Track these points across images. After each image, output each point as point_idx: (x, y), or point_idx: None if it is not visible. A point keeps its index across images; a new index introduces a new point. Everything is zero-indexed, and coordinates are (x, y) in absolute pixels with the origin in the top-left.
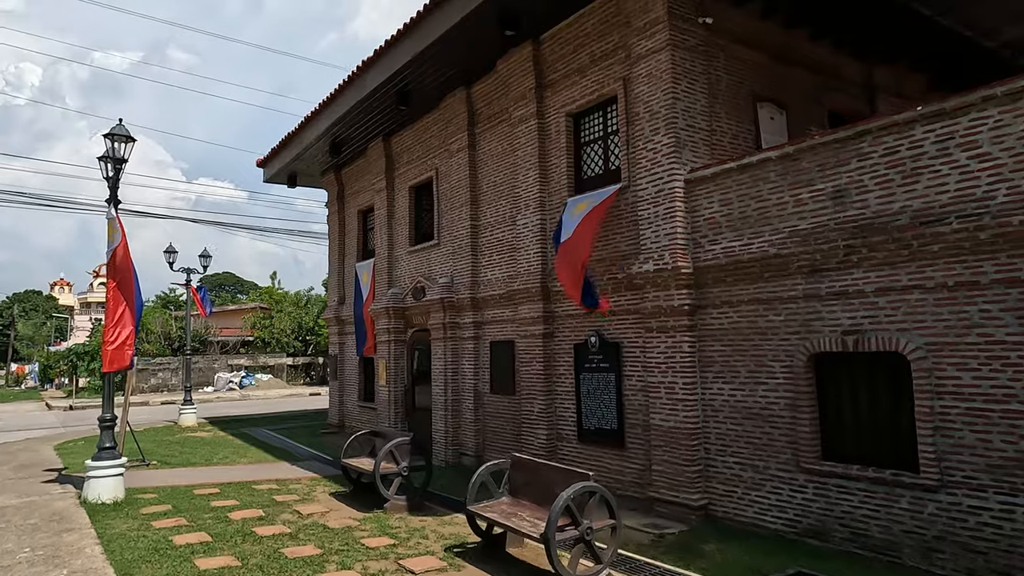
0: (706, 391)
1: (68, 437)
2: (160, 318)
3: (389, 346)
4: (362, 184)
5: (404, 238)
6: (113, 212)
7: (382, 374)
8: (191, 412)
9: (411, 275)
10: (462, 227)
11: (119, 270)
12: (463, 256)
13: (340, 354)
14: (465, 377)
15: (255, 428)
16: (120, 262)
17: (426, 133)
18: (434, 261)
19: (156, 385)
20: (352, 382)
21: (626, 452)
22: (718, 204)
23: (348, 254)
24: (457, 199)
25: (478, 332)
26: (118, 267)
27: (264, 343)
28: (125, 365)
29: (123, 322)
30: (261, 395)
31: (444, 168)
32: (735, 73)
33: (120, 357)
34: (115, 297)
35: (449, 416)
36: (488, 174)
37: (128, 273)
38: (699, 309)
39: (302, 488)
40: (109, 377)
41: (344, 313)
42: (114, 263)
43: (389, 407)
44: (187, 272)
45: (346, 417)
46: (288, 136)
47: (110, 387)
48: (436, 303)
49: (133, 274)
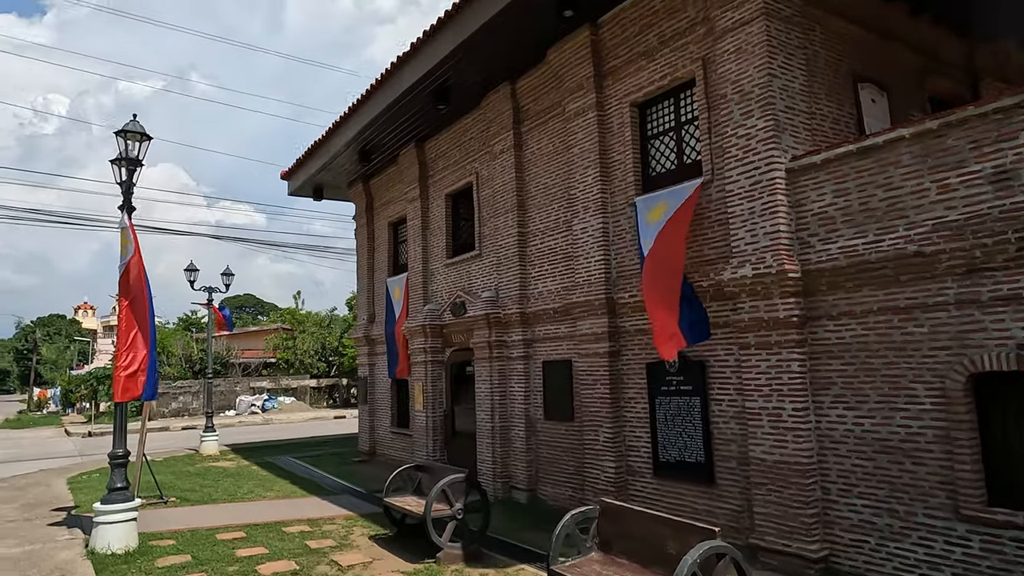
0: (822, 418)
1: (84, 467)
2: (181, 340)
3: (425, 367)
4: (392, 194)
5: (440, 250)
6: (127, 220)
7: (418, 398)
8: (213, 439)
9: (449, 289)
10: (508, 235)
11: (132, 287)
12: (510, 267)
13: (370, 376)
14: (515, 401)
15: (280, 456)
16: (134, 278)
17: (464, 135)
18: (475, 273)
19: (177, 409)
20: (384, 406)
21: (717, 490)
22: (831, 195)
23: (378, 269)
24: (501, 205)
25: (528, 351)
26: (131, 284)
27: (287, 364)
28: (138, 394)
29: (136, 346)
30: (284, 419)
31: (485, 172)
32: (833, 49)
33: (133, 385)
34: (127, 318)
35: (497, 445)
36: (537, 176)
37: (142, 291)
38: (810, 321)
39: (338, 530)
40: (122, 407)
41: (374, 332)
42: (127, 279)
43: (426, 434)
44: (209, 291)
45: (377, 444)
46: (314, 145)
47: (122, 418)
48: (480, 319)
49: (147, 292)
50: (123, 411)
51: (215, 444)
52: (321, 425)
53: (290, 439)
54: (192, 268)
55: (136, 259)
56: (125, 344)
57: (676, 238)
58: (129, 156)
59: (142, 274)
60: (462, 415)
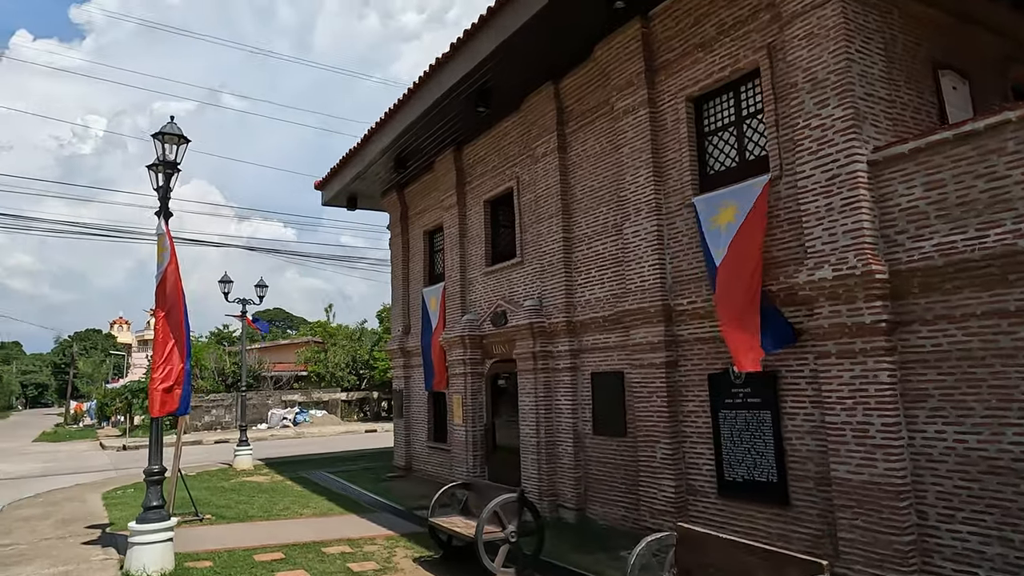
0: (917, 435)
1: (119, 482)
2: (214, 354)
3: (464, 379)
4: (428, 202)
5: (479, 258)
6: (163, 226)
7: (457, 411)
8: (247, 453)
9: (488, 299)
10: (552, 241)
11: (169, 297)
12: (554, 274)
13: (406, 389)
14: (561, 415)
15: (314, 471)
16: (171, 288)
17: (504, 139)
18: (516, 282)
19: (209, 423)
20: (420, 420)
21: (791, 512)
22: (922, 188)
23: (413, 279)
24: (544, 210)
25: (575, 362)
26: (168, 294)
27: (319, 377)
28: (175, 408)
29: (172, 359)
30: (316, 432)
31: (527, 177)
32: (911, 33)
33: (170, 399)
34: (163, 329)
35: (542, 461)
36: (583, 179)
37: (178, 301)
38: (900, 326)
39: (380, 552)
40: (158, 422)
41: (410, 344)
42: (163, 289)
43: (466, 449)
44: (242, 303)
45: (414, 459)
46: (349, 153)
47: (158, 432)
48: (523, 329)
49: (183, 303)
50: (159, 426)
51: (249, 458)
52: (353, 439)
53: (323, 453)
54: (226, 280)
55: (172, 267)
56: (161, 357)
57: (752, 245)
58: (167, 159)
59: (179, 283)
60: (503, 429)
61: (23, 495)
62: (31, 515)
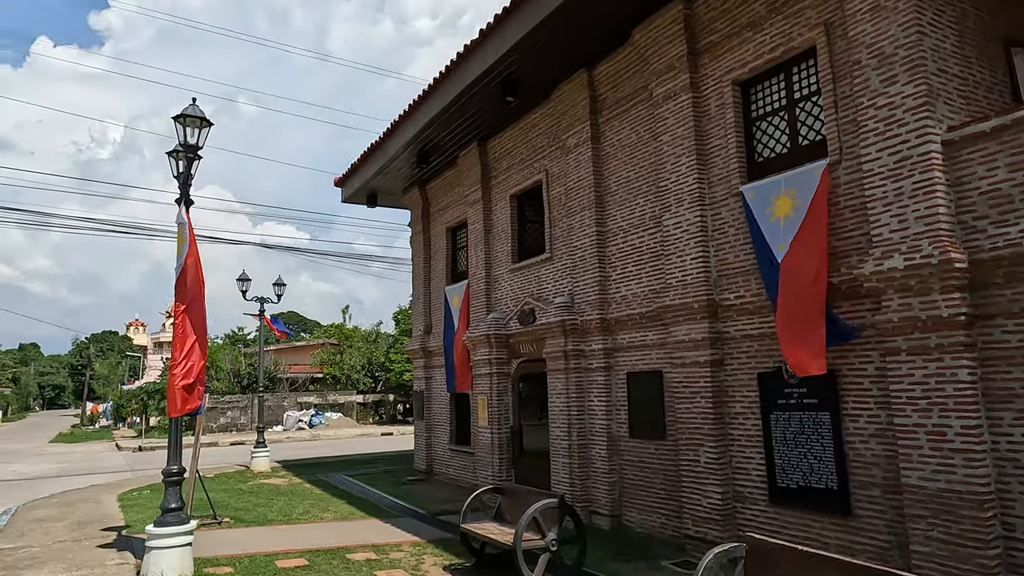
0: (1002, 439)
1: (134, 484)
2: (230, 355)
3: (490, 380)
4: (451, 198)
5: (505, 254)
6: (183, 215)
7: (482, 413)
8: (264, 455)
9: (515, 296)
10: (584, 235)
11: (189, 290)
12: (587, 269)
13: (427, 390)
14: (594, 417)
15: (332, 473)
16: (191, 280)
17: (532, 131)
18: (545, 278)
19: (225, 424)
20: (442, 422)
21: (854, 521)
22: (1006, 169)
23: (435, 277)
24: (576, 203)
25: (609, 361)
26: (188, 286)
27: (334, 380)
28: (196, 407)
29: (192, 356)
30: (332, 434)
31: (556, 169)
32: (982, 7)
33: (191, 398)
34: (183, 324)
35: (574, 465)
36: (618, 169)
37: (200, 295)
38: (981, 320)
39: (407, 559)
40: (177, 422)
41: (431, 344)
42: (184, 281)
43: (491, 452)
44: (260, 301)
45: (435, 462)
46: (370, 148)
47: (177, 433)
48: (553, 327)
49: (203, 296)
50: (178, 425)
51: (266, 460)
52: (369, 442)
53: (340, 456)
54: (244, 278)
55: (193, 259)
56: (182, 352)
57: (817, 239)
58: (188, 143)
59: (199, 275)
60: (531, 432)
61: (38, 496)
62: (45, 516)
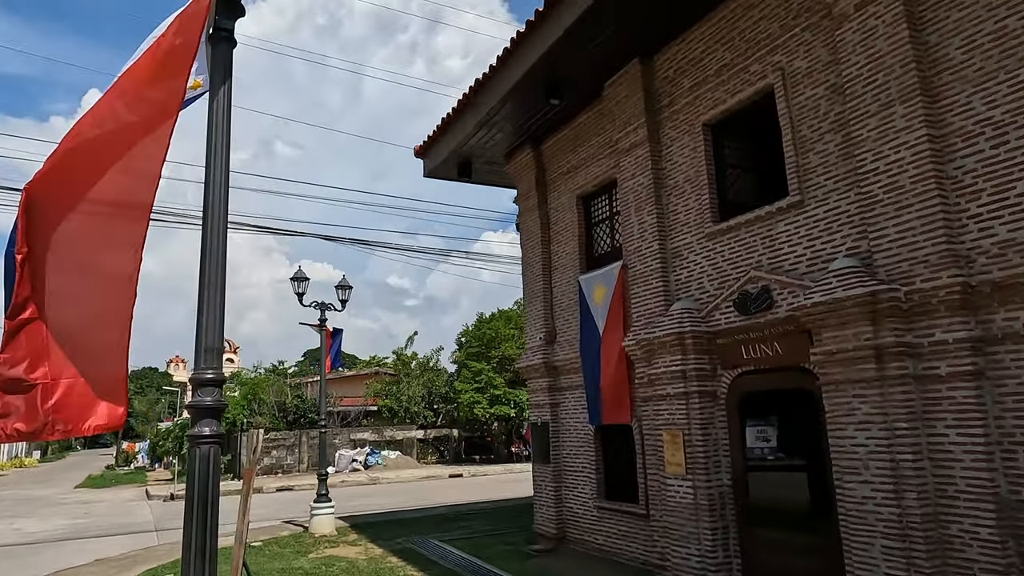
0: None
1: (155, 556)
2: (274, 386)
3: (686, 403)
4: (585, 153)
5: (696, 213)
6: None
7: (675, 455)
8: (327, 511)
9: (719, 274)
10: (897, 144)
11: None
12: (905, 204)
13: (554, 421)
14: (952, 464)
15: (420, 537)
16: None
17: (745, 18)
18: (787, 236)
19: (270, 466)
20: (580, 467)
21: None
22: None
23: (559, 266)
24: (874, 98)
25: (979, 361)
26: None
27: (391, 413)
28: (74, 427)
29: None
30: (392, 476)
31: (805, 62)
32: None
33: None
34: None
35: (913, 553)
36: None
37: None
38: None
39: None
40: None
41: (558, 356)
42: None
43: (695, 517)
44: (321, 308)
45: (570, 524)
46: (472, 90)
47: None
48: (843, 306)
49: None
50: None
51: (331, 519)
52: (440, 487)
53: (417, 508)
54: (300, 277)
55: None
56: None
57: None
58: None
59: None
60: (771, 485)
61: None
62: None
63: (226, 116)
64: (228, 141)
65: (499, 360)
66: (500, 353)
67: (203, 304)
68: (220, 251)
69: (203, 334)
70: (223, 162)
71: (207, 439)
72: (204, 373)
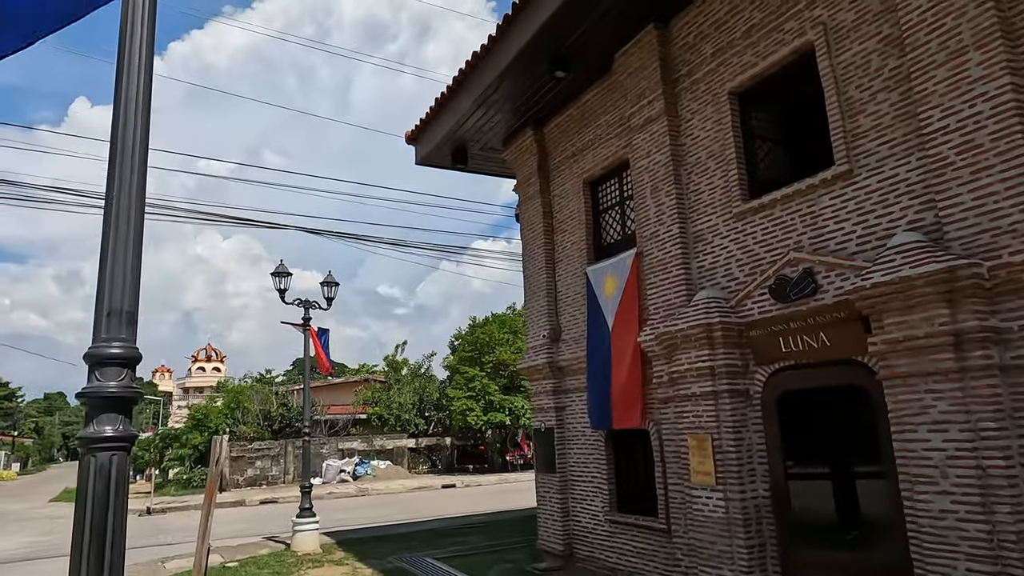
0: None
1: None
2: (259, 394)
3: (715, 403)
4: (591, 134)
5: (721, 191)
6: None
7: (703, 462)
8: (311, 527)
9: (749, 258)
10: (969, 102)
11: None
12: (993, 161)
13: (559, 427)
14: None
15: (412, 555)
16: None
17: None
18: (832, 212)
19: (253, 477)
20: (589, 477)
21: None
22: None
23: (564, 257)
24: (932, 55)
25: None
26: None
27: (380, 421)
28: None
29: None
30: (383, 488)
31: (852, 14)
32: None
33: None
34: None
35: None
36: None
37: None
38: None
39: None
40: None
41: (563, 355)
42: None
43: (727, 533)
44: (305, 306)
45: (579, 540)
46: (463, 71)
47: None
48: (917, 285)
49: None
50: None
51: (315, 535)
52: (433, 498)
53: (409, 522)
54: (282, 271)
55: None
56: None
57: None
58: None
59: None
60: (820, 497)
61: None
62: None
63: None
64: (152, 36)
65: (493, 365)
66: (494, 358)
67: (108, 248)
68: (137, 175)
69: (106, 291)
70: (143, 59)
71: (109, 443)
72: (107, 346)
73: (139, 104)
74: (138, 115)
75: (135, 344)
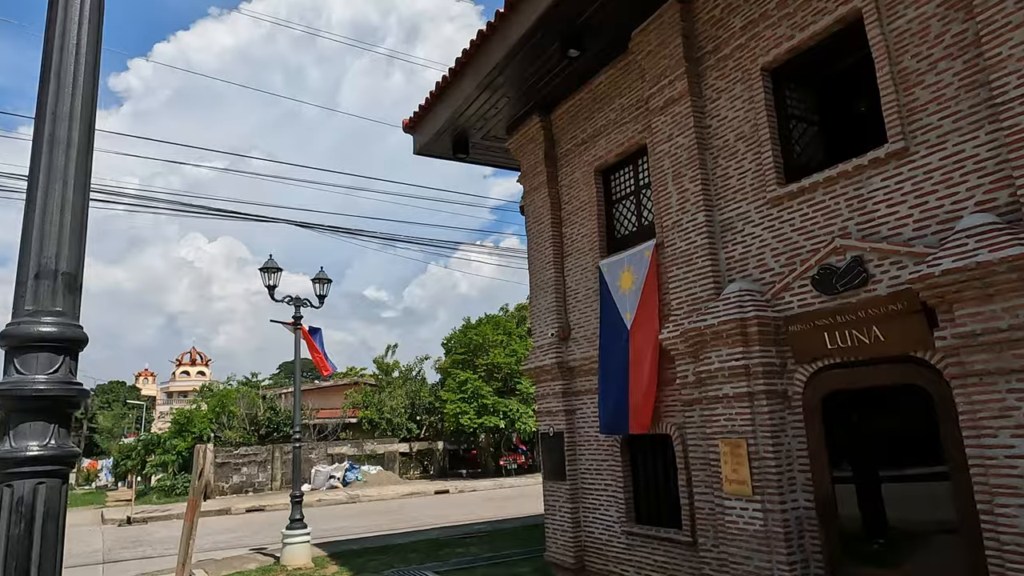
0: None
1: None
2: (245, 398)
3: (749, 405)
4: (606, 118)
5: (754, 175)
6: None
7: (736, 470)
8: (302, 538)
9: (787, 248)
10: None
11: None
12: None
13: (570, 431)
14: None
15: (411, 568)
16: None
17: None
18: (884, 195)
19: (239, 484)
20: (604, 484)
21: None
22: None
23: (573, 251)
24: (1008, 16)
25: None
26: None
27: (371, 425)
28: None
29: None
30: (374, 494)
31: None
32: None
33: None
34: None
35: None
36: None
37: None
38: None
39: None
40: None
41: (573, 355)
42: None
43: (767, 547)
44: (295, 304)
45: (592, 552)
46: (467, 51)
47: None
48: (997, 272)
49: None
50: None
51: (306, 548)
52: (426, 505)
53: (404, 531)
54: (271, 267)
55: None
56: None
57: None
58: None
59: None
60: (869, 508)
61: None
62: None
63: None
64: None
65: (487, 368)
66: (488, 361)
67: (38, 181)
68: (84, 76)
69: (33, 243)
70: None
71: (33, 466)
72: (34, 322)
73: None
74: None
75: (78, 320)
